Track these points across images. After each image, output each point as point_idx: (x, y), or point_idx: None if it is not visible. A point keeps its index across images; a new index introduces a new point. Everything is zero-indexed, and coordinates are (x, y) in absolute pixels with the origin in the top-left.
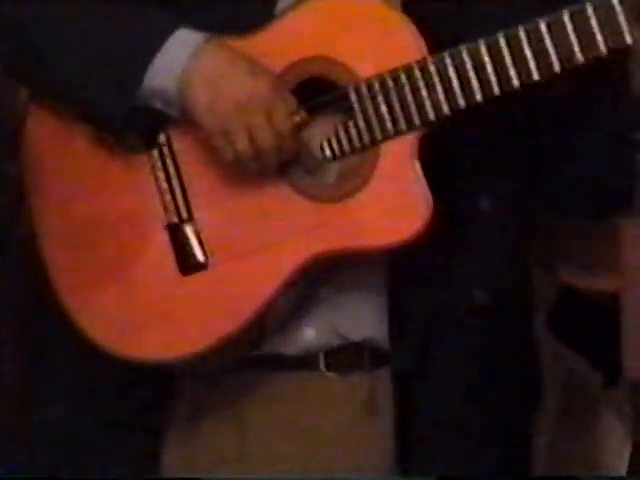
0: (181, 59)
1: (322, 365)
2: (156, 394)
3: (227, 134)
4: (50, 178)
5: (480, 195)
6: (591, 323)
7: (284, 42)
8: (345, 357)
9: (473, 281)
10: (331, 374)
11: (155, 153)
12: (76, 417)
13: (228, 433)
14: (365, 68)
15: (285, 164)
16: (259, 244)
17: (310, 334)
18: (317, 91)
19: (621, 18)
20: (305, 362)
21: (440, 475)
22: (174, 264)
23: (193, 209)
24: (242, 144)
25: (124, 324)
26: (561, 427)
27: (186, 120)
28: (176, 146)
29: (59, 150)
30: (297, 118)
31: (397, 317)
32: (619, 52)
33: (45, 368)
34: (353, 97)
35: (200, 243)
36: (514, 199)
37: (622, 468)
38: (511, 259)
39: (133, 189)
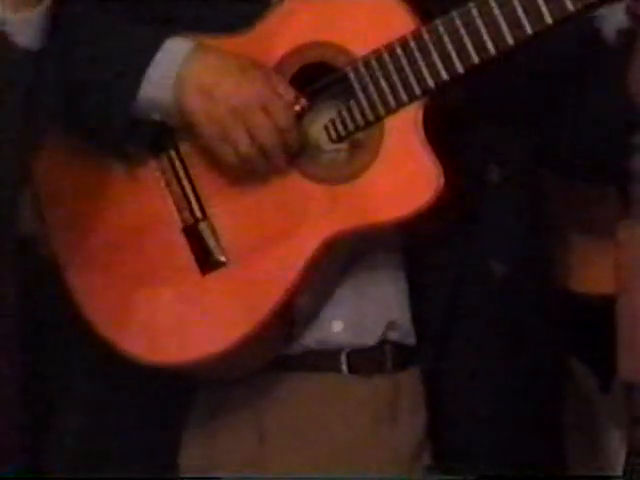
0: (173, 69)
1: (344, 367)
2: (176, 397)
3: (228, 139)
4: (65, 206)
5: (488, 166)
6: (586, 326)
7: (278, 33)
8: (367, 359)
9: (489, 253)
10: (353, 376)
11: (163, 158)
12: (95, 422)
13: (246, 435)
14: (361, 47)
15: (295, 153)
16: (275, 234)
17: (338, 327)
18: (317, 77)
19: None
20: (327, 362)
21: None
22: (194, 265)
23: (206, 208)
24: (244, 147)
25: (153, 332)
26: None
27: (186, 129)
28: (183, 149)
29: (70, 178)
30: (297, 107)
31: (417, 297)
32: None
33: (62, 375)
34: (352, 76)
35: (217, 241)
36: (523, 168)
37: (618, 471)
38: (525, 229)
39: (145, 199)
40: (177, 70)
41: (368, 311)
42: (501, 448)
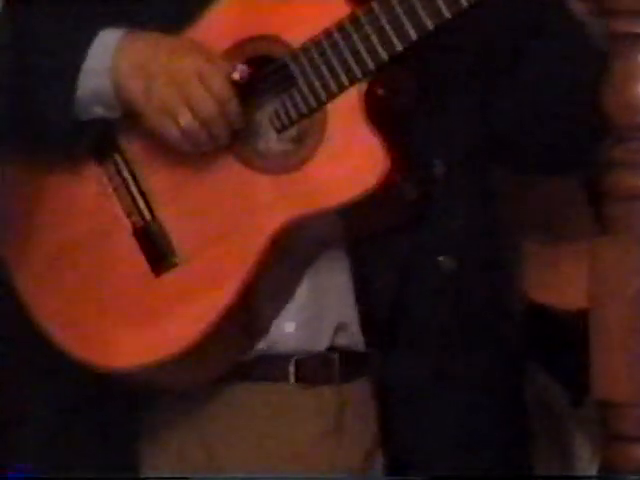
0: (107, 56)
1: (292, 377)
2: (126, 408)
3: (168, 112)
4: (16, 216)
5: (433, 161)
6: (558, 340)
7: (218, 29)
8: (315, 368)
9: (437, 248)
10: (300, 386)
11: (108, 163)
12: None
13: (193, 447)
14: (300, 37)
15: (236, 145)
16: (225, 230)
17: (290, 327)
18: (259, 70)
19: None
20: (275, 373)
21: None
22: (147, 267)
23: (155, 210)
24: (185, 118)
25: (108, 338)
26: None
27: (129, 116)
28: (127, 152)
29: (20, 188)
30: (236, 75)
31: (364, 298)
32: None
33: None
34: (292, 65)
35: (168, 242)
36: (469, 164)
37: None
38: (473, 223)
39: (94, 205)
40: (111, 55)
41: (319, 313)
42: (454, 454)
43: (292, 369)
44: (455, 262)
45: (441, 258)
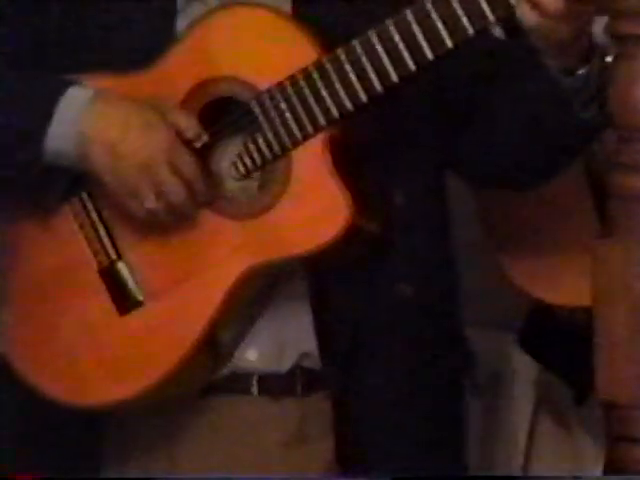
0: (74, 122)
1: (255, 389)
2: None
3: (135, 195)
4: None
5: (394, 192)
6: (561, 339)
7: (182, 68)
8: (278, 382)
9: (396, 276)
10: (263, 398)
11: (75, 202)
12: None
13: (158, 457)
14: (265, 80)
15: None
16: (190, 272)
17: (253, 356)
18: (223, 112)
19: None
20: (238, 386)
21: None
22: (112, 307)
23: (121, 249)
24: (153, 204)
25: (74, 375)
26: (535, 440)
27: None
28: (93, 192)
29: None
30: (198, 144)
31: (323, 325)
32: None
33: None
34: (257, 110)
35: (133, 281)
36: (428, 192)
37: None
38: (432, 251)
39: (60, 244)
40: (78, 123)
41: (282, 342)
42: (407, 465)
43: (255, 383)
44: (412, 289)
45: (399, 285)
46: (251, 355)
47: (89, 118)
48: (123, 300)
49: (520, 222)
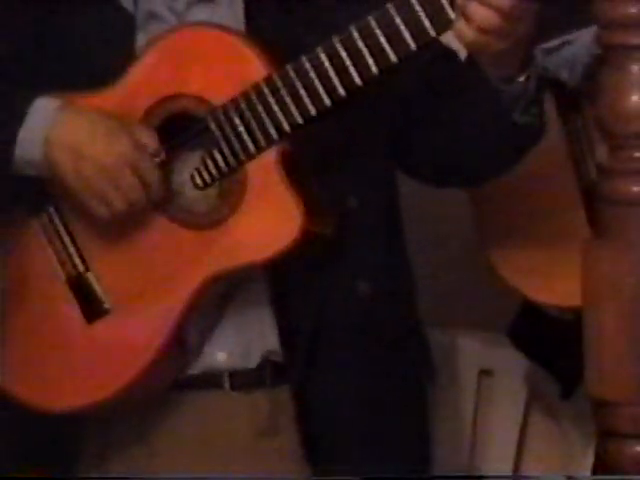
0: (41, 129)
1: (227, 384)
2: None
3: (99, 197)
4: None
5: (347, 196)
6: (550, 335)
7: (142, 86)
8: (248, 376)
9: (352, 275)
10: (235, 393)
11: (43, 215)
12: None
13: (136, 452)
14: (220, 97)
15: (163, 203)
16: (154, 280)
17: (222, 357)
18: (181, 126)
19: (444, 2)
20: (210, 382)
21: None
22: (80, 315)
23: (88, 260)
24: (115, 203)
25: (45, 381)
26: (527, 433)
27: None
28: (60, 205)
29: None
30: (157, 159)
31: (284, 326)
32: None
33: None
34: (212, 125)
35: (100, 290)
36: (379, 195)
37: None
38: (386, 250)
39: (29, 256)
40: (45, 130)
41: (247, 342)
42: (368, 459)
43: (227, 379)
44: (369, 287)
45: (356, 283)
46: (220, 357)
47: (56, 125)
48: (90, 309)
49: (512, 225)
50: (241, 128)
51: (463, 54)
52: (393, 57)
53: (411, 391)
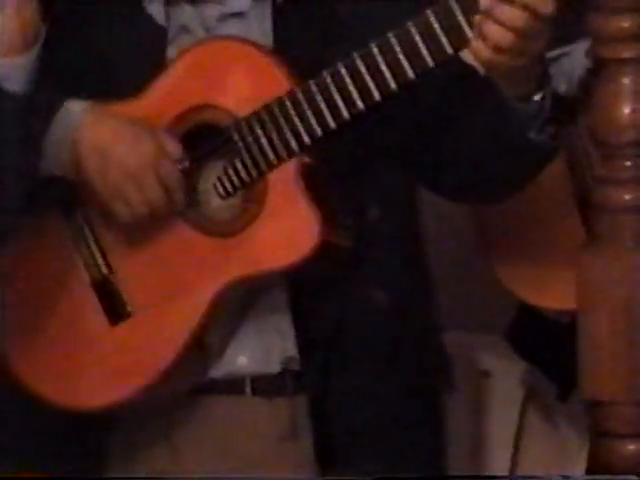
0: (69, 131)
1: (248, 390)
2: (95, 428)
3: (122, 199)
4: None
5: (367, 207)
6: (547, 338)
7: (169, 96)
8: (269, 383)
9: (370, 284)
10: (256, 398)
11: (71, 219)
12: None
13: (161, 453)
14: (243, 109)
15: (186, 209)
16: (176, 284)
17: (243, 362)
18: (205, 137)
19: (462, 21)
20: (233, 387)
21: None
22: (103, 317)
23: (112, 264)
24: (138, 206)
25: (71, 381)
26: (524, 433)
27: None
28: (88, 209)
29: None
30: (180, 167)
31: (303, 333)
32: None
33: None
34: (236, 136)
35: (123, 294)
36: (400, 206)
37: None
38: (405, 260)
39: (58, 257)
40: (73, 132)
41: (268, 348)
42: (384, 466)
43: (249, 384)
44: (387, 296)
45: (374, 293)
46: (241, 361)
47: (83, 127)
48: (114, 311)
49: (511, 232)
50: (263, 140)
51: (482, 70)
52: (411, 73)
53: (427, 401)
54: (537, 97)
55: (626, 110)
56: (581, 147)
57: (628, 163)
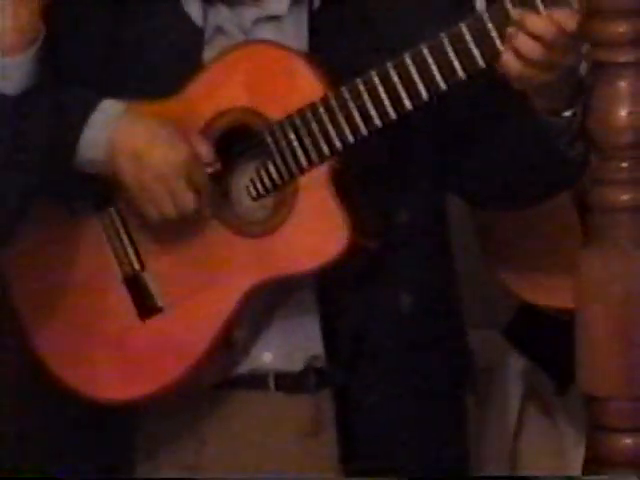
0: (105, 130)
1: (272, 385)
2: (122, 418)
3: (153, 200)
4: (20, 258)
5: (397, 211)
6: (546, 334)
7: (204, 98)
8: (292, 380)
9: (398, 288)
10: (280, 394)
11: (105, 214)
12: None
13: (187, 447)
14: (277, 112)
15: (219, 208)
16: (206, 282)
17: (268, 358)
18: (239, 139)
19: (493, 34)
20: (257, 382)
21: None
22: (134, 312)
23: (144, 260)
24: (168, 209)
25: (100, 373)
26: (523, 427)
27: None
28: (121, 206)
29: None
30: (211, 169)
31: (329, 333)
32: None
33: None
34: (269, 139)
35: (154, 289)
36: (429, 211)
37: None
38: (433, 263)
39: (89, 253)
40: (108, 133)
41: (293, 346)
42: (408, 465)
43: (272, 380)
44: (413, 298)
45: (401, 295)
46: (266, 357)
47: (119, 126)
48: (144, 306)
49: (511, 232)
50: (295, 143)
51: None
52: (443, 85)
53: (451, 402)
54: (568, 113)
55: (623, 113)
56: None
57: (625, 164)
